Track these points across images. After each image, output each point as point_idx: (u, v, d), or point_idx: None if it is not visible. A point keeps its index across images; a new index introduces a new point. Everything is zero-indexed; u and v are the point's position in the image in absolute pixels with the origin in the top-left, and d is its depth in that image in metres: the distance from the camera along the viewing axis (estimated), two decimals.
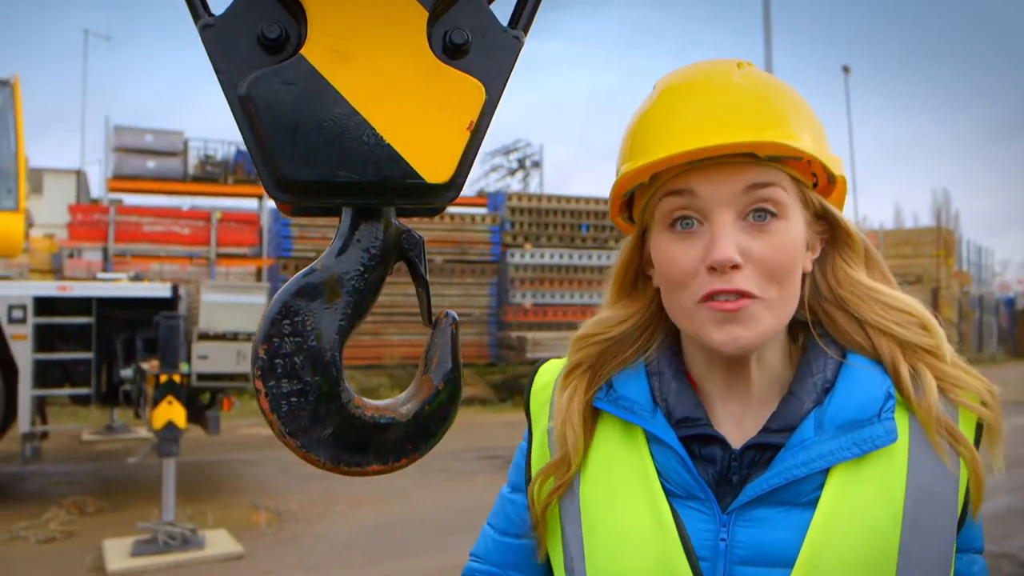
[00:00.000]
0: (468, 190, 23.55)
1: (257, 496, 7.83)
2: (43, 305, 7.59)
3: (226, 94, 0.76)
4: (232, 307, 7.64)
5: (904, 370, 0.98)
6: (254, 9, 0.76)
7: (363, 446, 0.83)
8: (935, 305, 25.08)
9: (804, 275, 1.01)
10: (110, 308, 7.92)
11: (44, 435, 8.24)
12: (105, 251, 13.84)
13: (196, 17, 0.76)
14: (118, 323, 7.92)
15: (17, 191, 8.34)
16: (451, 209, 16.46)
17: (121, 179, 15.74)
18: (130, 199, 17.21)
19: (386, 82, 0.77)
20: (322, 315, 0.82)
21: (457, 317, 0.91)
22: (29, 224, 9.33)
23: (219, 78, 0.76)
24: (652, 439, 1.01)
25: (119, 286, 8.28)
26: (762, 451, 0.97)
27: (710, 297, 0.94)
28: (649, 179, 1.00)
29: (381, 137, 0.77)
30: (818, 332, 1.03)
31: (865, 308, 1.01)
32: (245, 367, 7.41)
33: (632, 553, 0.97)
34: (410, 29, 0.78)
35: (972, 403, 0.98)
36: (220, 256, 14.93)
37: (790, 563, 0.92)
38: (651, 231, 1.03)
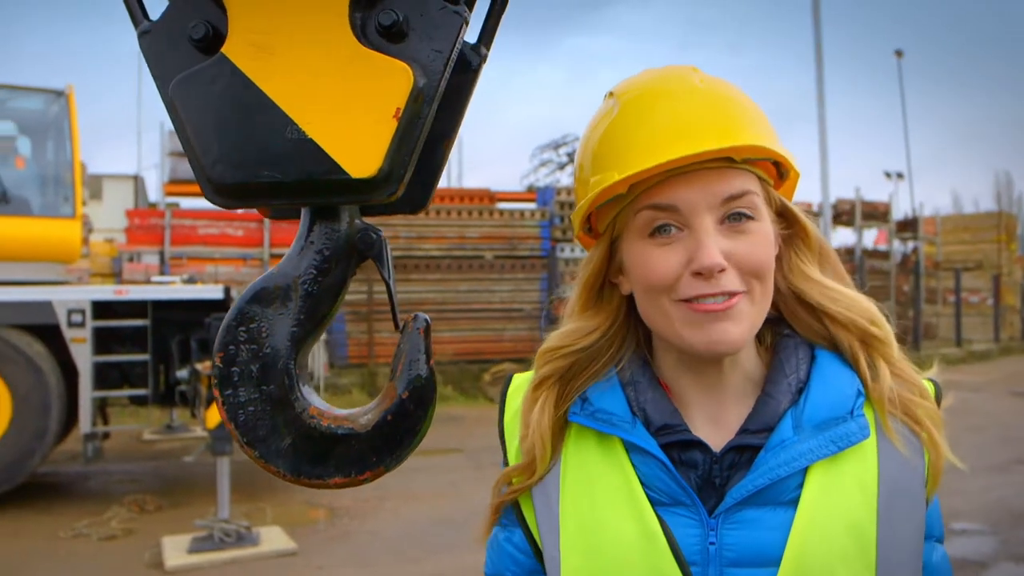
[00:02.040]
0: (517, 185, 23.44)
1: (310, 493, 7.92)
2: (101, 309, 7.78)
3: (163, 100, 0.74)
4: None
5: (862, 357, 1.00)
6: (187, 10, 0.73)
7: (322, 457, 0.80)
8: (996, 292, 24.32)
9: None
10: (165, 310, 8.09)
11: (106, 435, 8.45)
12: (162, 254, 14.13)
13: (136, 23, 0.74)
14: (173, 325, 8.07)
15: (74, 199, 8.54)
16: (500, 205, 16.43)
17: (176, 183, 16.05)
18: (186, 203, 17.56)
19: (308, 73, 0.73)
20: (275, 321, 0.79)
21: (428, 320, 0.88)
22: (88, 230, 9.58)
23: (156, 84, 0.73)
24: (632, 449, 1.01)
25: (173, 289, 8.46)
26: (741, 452, 0.98)
27: (694, 299, 0.94)
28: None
29: (303, 132, 0.73)
30: (786, 331, 1.05)
31: (818, 302, 1.03)
32: None
33: (622, 566, 0.96)
34: (331, 15, 0.74)
35: (914, 396, 1.00)
36: (273, 257, 15.10)
37: (778, 562, 0.93)
38: (624, 240, 1.02)
